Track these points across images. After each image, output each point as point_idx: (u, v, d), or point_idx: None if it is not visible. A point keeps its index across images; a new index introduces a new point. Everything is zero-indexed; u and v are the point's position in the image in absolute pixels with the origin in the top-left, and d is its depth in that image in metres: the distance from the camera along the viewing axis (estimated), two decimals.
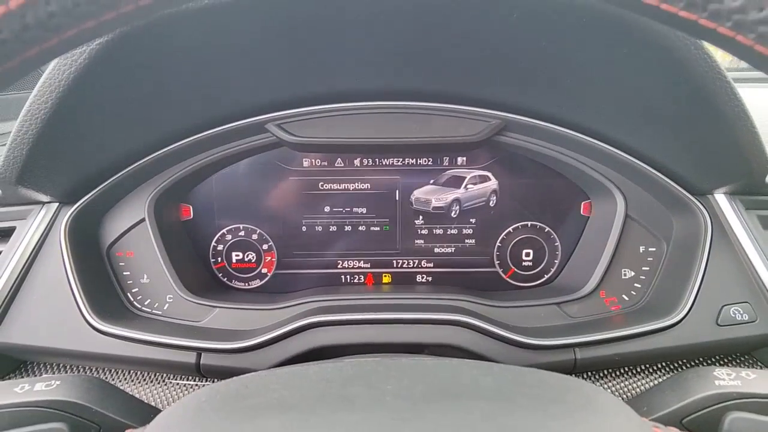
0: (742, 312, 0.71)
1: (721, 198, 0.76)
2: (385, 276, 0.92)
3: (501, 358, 0.74)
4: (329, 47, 0.68)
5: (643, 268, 0.82)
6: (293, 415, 0.33)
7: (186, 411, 0.36)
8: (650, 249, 0.82)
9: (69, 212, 0.76)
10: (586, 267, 0.85)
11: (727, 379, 0.51)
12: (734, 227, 0.74)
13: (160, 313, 0.80)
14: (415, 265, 0.92)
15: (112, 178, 0.77)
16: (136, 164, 0.78)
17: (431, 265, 0.91)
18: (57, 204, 0.76)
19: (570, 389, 0.38)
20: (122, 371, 0.78)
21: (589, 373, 0.78)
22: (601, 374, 0.78)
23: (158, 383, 0.77)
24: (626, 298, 0.81)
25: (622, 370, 0.78)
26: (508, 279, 0.92)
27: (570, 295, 0.81)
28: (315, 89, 0.78)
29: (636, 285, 0.82)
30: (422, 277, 0.92)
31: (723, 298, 0.72)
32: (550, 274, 0.91)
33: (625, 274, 0.82)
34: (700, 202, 0.77)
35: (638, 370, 0.78)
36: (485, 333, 0.74)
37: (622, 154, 0.78)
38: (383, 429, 0.31)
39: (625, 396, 0.76)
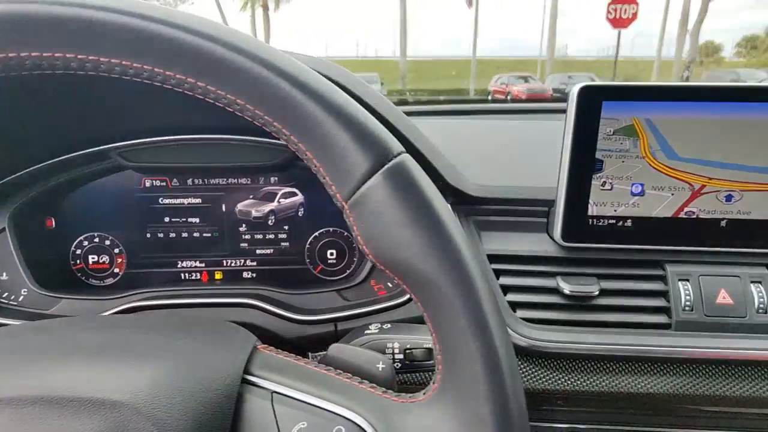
0: None
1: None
2: (217, 273, 1.13)
3: (281, 331, 0.96)
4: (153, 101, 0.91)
5: None
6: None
7: None
8: None
9: None
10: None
11: (373, 329, 0.74)
12: None
13: (15, 303, 1.00)
14: (241, 264, 1.14)
15: None
16: None
17: (255, 263, 1.14)
18: None
19: (210, 322, 0.59)
20: None
21: None
22: None
23: None
24: (390, 285, 1.05)
25: None
26: (317, 274, 1.14)
27: (346, 283, 1.05)
28: (146, 125, 1.00)
29: None
30: (248, 274, 1.14)
31: None
32: (350, 270, 1.15)
33: None
34: None
35: None
36: (270, 313, 0.97)
37: None
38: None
39: None
